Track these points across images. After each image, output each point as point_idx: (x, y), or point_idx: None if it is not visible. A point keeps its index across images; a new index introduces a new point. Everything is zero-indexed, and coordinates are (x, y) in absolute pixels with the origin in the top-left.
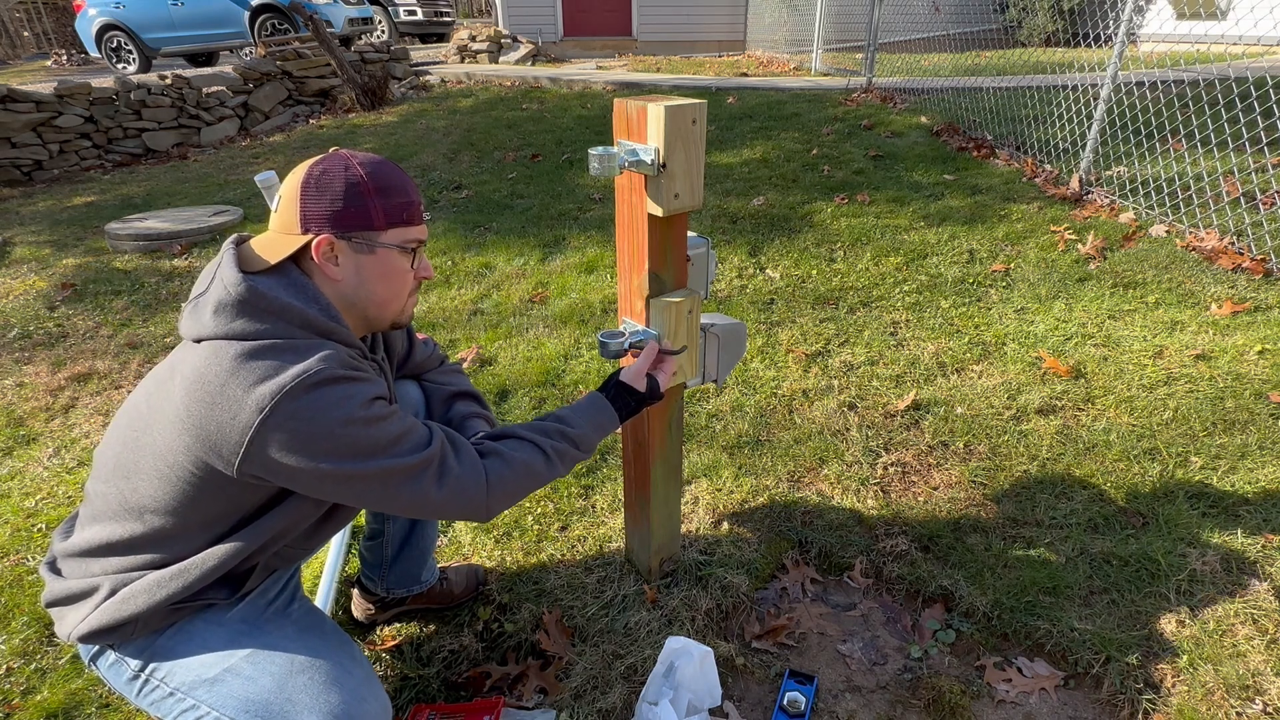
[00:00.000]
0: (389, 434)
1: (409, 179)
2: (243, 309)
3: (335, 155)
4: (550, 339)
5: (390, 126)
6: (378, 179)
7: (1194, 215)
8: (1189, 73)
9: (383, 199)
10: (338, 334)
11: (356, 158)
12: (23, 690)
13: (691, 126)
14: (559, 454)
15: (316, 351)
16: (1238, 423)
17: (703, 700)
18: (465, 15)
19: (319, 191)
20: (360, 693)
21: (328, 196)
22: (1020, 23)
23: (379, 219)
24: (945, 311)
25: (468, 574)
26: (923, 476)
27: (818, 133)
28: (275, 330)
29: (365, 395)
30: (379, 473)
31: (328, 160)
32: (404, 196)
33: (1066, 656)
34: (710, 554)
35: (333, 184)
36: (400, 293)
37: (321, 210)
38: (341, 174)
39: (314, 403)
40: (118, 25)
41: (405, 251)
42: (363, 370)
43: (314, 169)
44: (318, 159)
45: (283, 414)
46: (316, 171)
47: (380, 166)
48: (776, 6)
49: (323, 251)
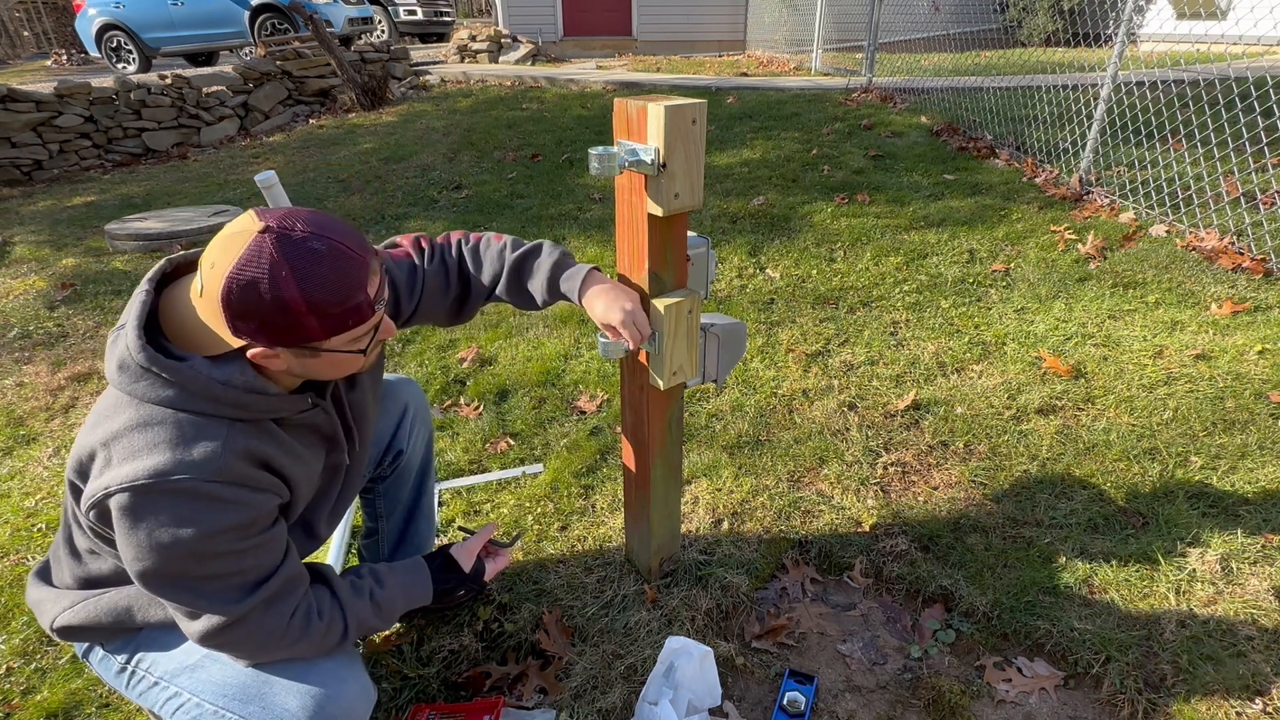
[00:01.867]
0: (208, 572)
1: (355, 267)
2: (144, 375)
3: (260, 256)
4: (550, 339)
5: (390, 126)
6: (311, 295)
7: (1194, 215)
8: (1189, 73)
9: (318, 316)
10: (253, 406)
11: (285, 264)
12: (23, 690)
13: (691, 126)
14: (359, 626)
15: (203, 441)
16: (1238, 423)
17: (703, 700)
18: (465, 15)
19: (243, 307)
20: (340, 674)
21: (253, 313)
22: (1020, 23)
23: (317, 334)
24: (945, 311)
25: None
26: (923, 476)
27: (818, 132)
28: (176, 400)
29: (212, 525)
30: (174, 601)
31: (250, 265)
32: (346, 303)
33: (1066, 656)
34: (710, 554)
35: (258, 303)
36: (355, 368)
37: (249, 325)
38: (268, 291)
39: (155, 510)
40: (118, 25)
41: (356, 351)
42: (248, 482)
43: (236, 278)
44: (240, 259)
45: (126, 502)
46: (238, 284)
47: (317, 273)
48: (776, 6)
49: (261, 354)
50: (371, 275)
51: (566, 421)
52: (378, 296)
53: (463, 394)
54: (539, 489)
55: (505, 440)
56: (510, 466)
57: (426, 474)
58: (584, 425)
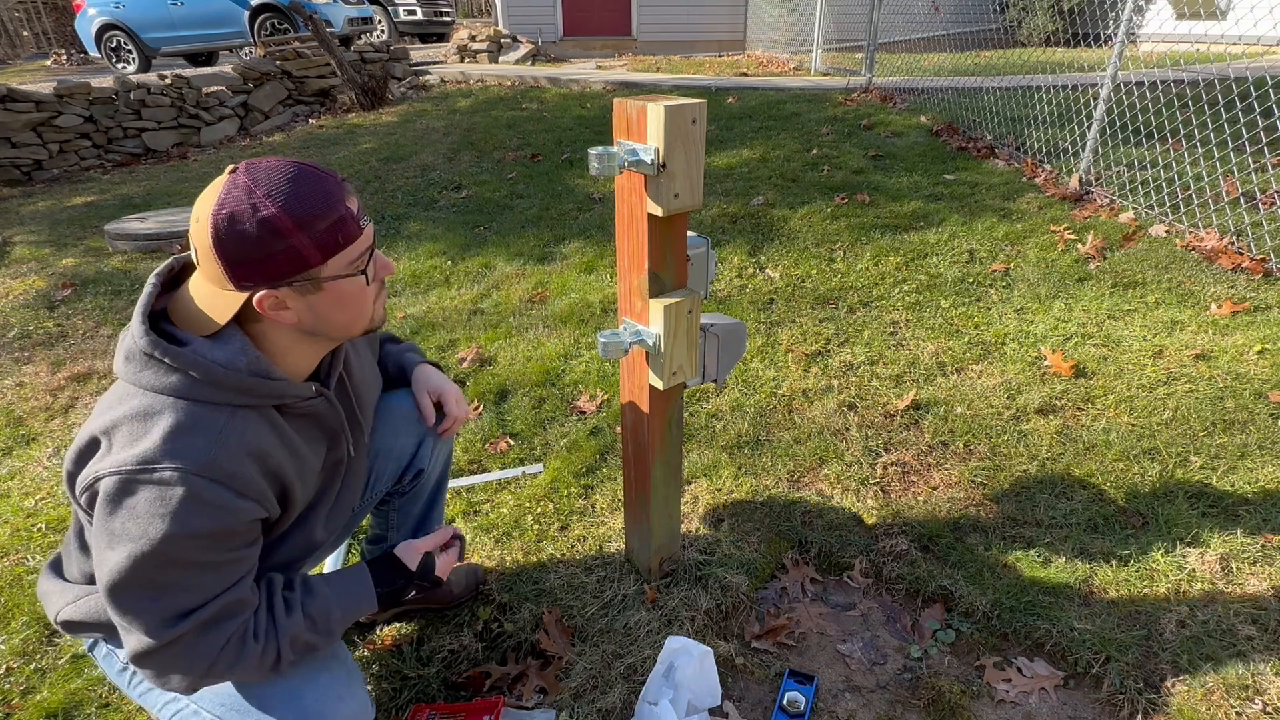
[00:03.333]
0: (162, 580)
1: (327, 183)
2: (149, 362)
3: (234, 188)
4: (550, 339)
5: (390, 126)
6: (293, 210)
7: (1194, 215)
8: (1189, 73)
9: (307, 232)
10: (256, 390)
11: (260, 186)
12: (23, 690)
13: (691, 126)
14: (293, 644)
15: (200, 431)
16: (1238, 423)
17: (703, 700)
18: (465, 15)
19: (234, 245)
20: (337, 690)
21: (246, 249)
22: (1020, 23)
23: (313, 256)
24: (945, 311)
25: (467, 574)
26: (923, 476)
27: (817, 132)
28: (179, 387)
29: (185, 527)
30: (116, 610)
31: (229, 199)
32: (329, 215)
33: (1066, 656)
34: (710, 554)
35: (245, 234)
36: (364, 310)
37: (246, 266)
38: (250, 218)
39: (134, 499)
40: (117, 25)
41: (356, 271)
42: (235, 484)
43: (218, 216)
44: (218, 199)
45: (111, 488)
46: (222, 220)
47: (292, 188)
48: (776, 6)
49: (268, 306)
50: (348, 194)
51: (566, 421)
52: (360, 214)
53: (463, 394)
54: (539, 489)
55: (505, 440)
56: (510, 466)
57: (441, 488)
58: (584, 425)
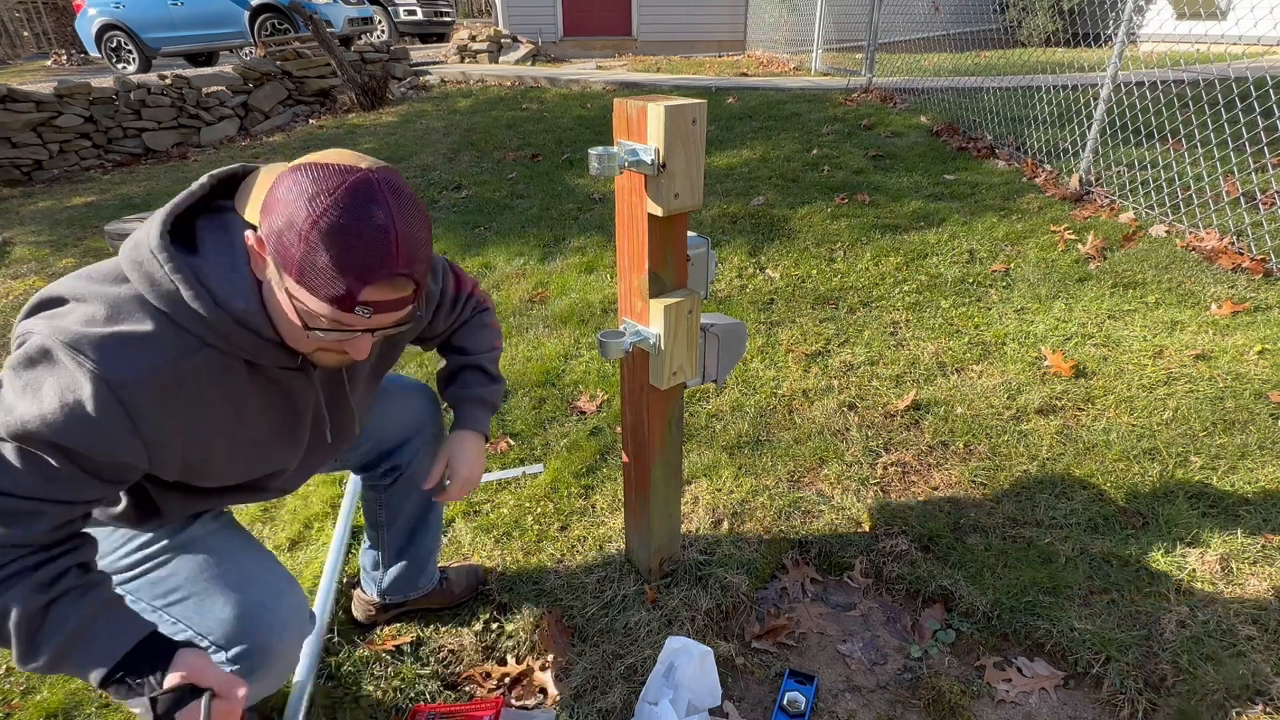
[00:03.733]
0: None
1: (379, 264)
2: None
3: (340, 181)
4: (550, 339)
5: (390, 126)
6: (332, 242)
7: (1194, 215)
8: (1189, 73)
9: (305, 254)
10: (238, 340)
11: (343, 202)
12: (23, 690)
13: (691, 126)
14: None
15: (152, 354)
16: (1238, 423)
17: (703, 700)
18: (465, 15)
19: (281, 194)
20: (278, 586)
21: (278, 205)
22: (1020, 23)
23: (292, 264)
24: (945, 311)
25: (468, 574)
26: (923, 476)
27: (818, 133)
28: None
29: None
30: None
31: (328, 177)
32: (334, 275)
33: (1066, 656)
34: (710, 554)
35: (288, 199)
36: (298, 341)
37: (268, 210)
38: (303, 198)
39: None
40: (118, 25)
41: (299, 315)
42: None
43: (307, 168)
44: (334, 165)
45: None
46: (302, 172)
47: (348, 231)
48: (776, 6)
49: (254, 243)
50: (383, 284)
51: (566, 421)
52: (373, 306)
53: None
54: (539, 489)
55: (505, 440)
56: (510, 466)
57: (426, 517)
58: (584, 425)
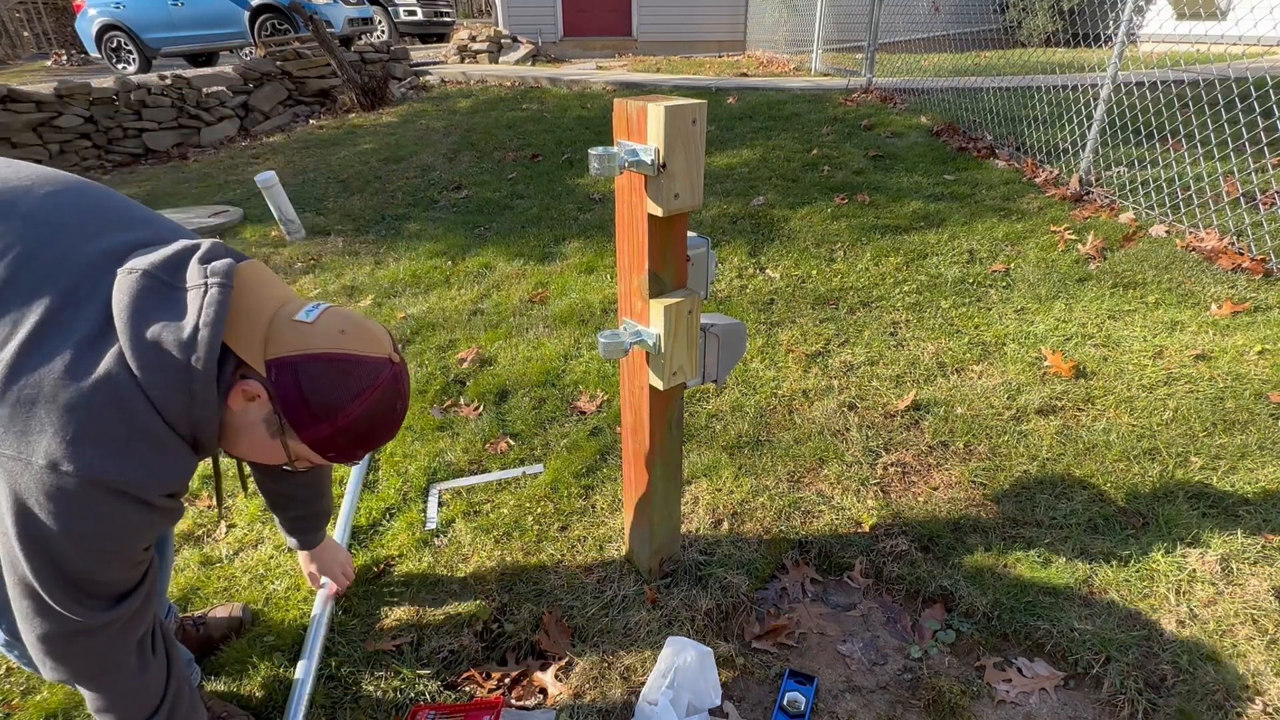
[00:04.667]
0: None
1: (384, 439)
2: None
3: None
4: (550, 339)
5: (390, 126)
6: (360, 433)
7: (1194, 215)
8: (1189, 73)
9: (329, 432)
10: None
11: (377, 400)
12: (23, 690)
13: (691, 126)
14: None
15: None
16: (1238, 423)
17: (703, 700)
18: (465, 15)
19: (311, 373)
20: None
21: (301, 380)
22: (1020, 23)
23: (309, 435)
24: (945, 311)
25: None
26: (923, 476)
27: (818, 133)
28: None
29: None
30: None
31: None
32: (353, 446)
33: (1066, 656)
34: (710, 554)
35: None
36: (268, 460)
37: (285, 375)
38: (337, 386)
39: (94, 503)
40: (118, 25)
41: (282, 456)
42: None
43: (342, 359)
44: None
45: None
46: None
47: (375, 419)
48: (777, 6)
49: (243, 390)
50: (377, 448)
51: (566, 421)
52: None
53: (463, 394)
54: (539, 489)
55: (505, 440)
56: (510, 466)
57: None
58: (584, 425)
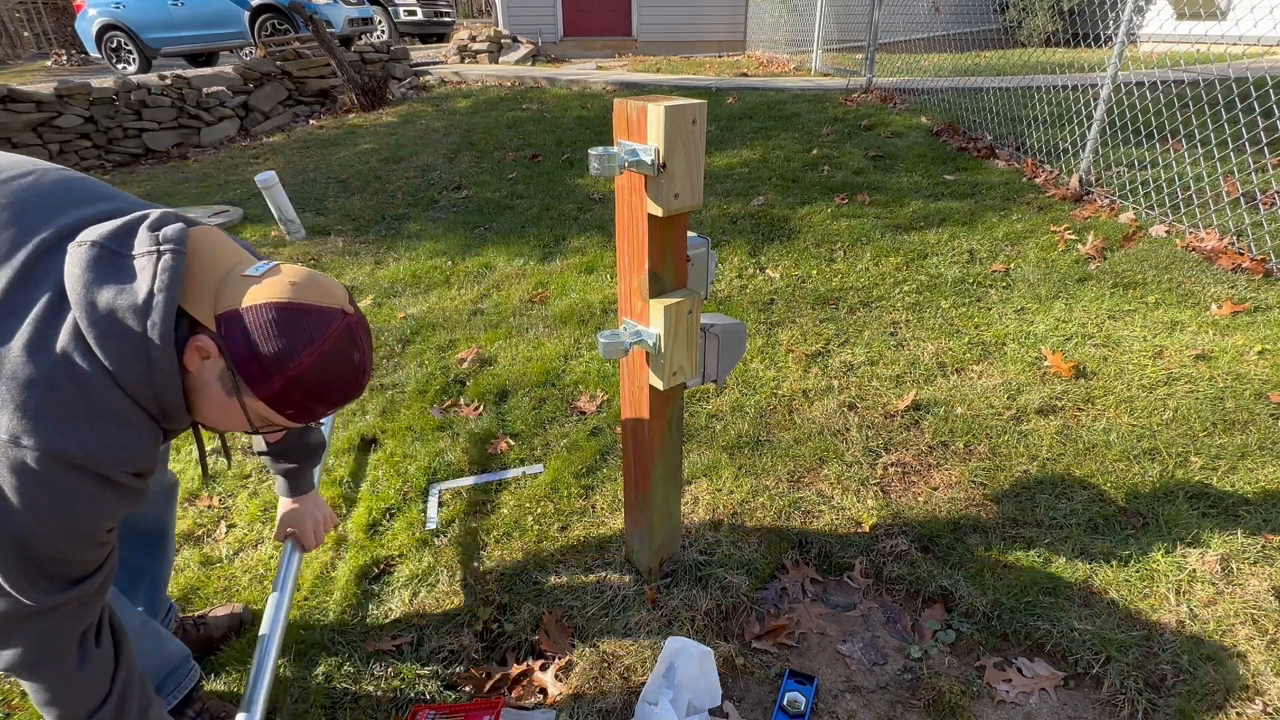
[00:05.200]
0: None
1: (345, 397)
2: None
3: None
4: (550, 339)
5: (390, 126)
6: (314, 386)
7: (1194, 215)
8: (1189, 73)
9: (282, 385)
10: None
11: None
12: (22, 691)
13: (691, 126)
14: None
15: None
16: (1238, 423)
17: (703, 700)
18: (465, 15)
19: (258, 323)
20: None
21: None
22: (1020, 23)
23: (263, 391)
24: (945, 311)
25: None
26: (923, 476)
27: (818, 133)
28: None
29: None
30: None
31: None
32: (309, 404)
33: (1066, 656)
34: (710, 554)
35: (268, 332)
36: (220, 426)
37: (235, 329)
38: (285, 339)
39: (57, 479)
40: (118, 25)
41: (250, 420)
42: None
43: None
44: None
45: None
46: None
47: (328, 372)
48: (776, 6)
49: (197, 348)
50: (339, 407)
51: (566, 422)
52: (321, 418)
53: (463, 394)
54: (539, 489)
55: (505, 440)
56: (510, 466)
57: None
58: (584, 425)
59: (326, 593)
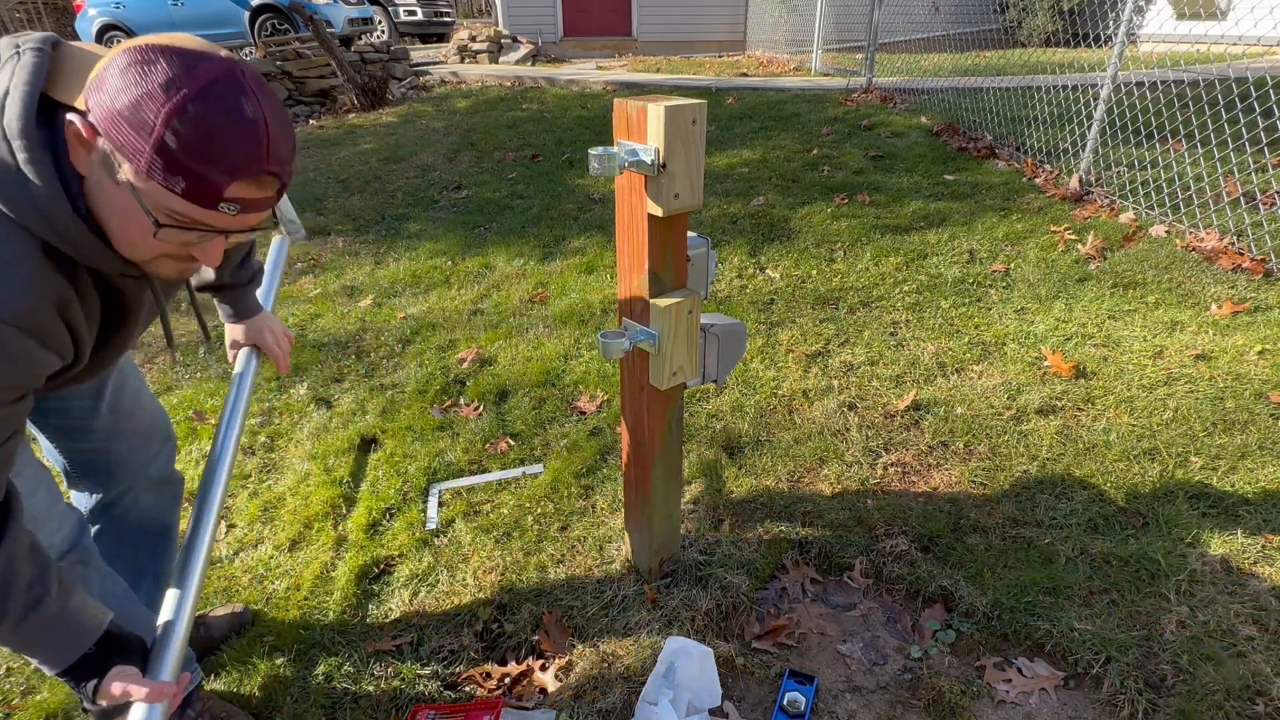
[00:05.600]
0: None
1: (250, 158)
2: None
3: (195, 66)
4: (550, 339)
5: (390, 126)
6: (198, 133)
7: (1194, 215)
8: (1189, 73)
9: (163, 150)
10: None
11: (204, 92)
12: (22, 690)
13: (691, 126)
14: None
15: (19, 274)
16: (1238, 423)
17: (703, 700)
18: (465, 15)
19: (120, 82)
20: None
21: (116, 94)
22: (1020, 23)
23: (142, 162)
24: (945, 311)
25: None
26: (923, 476)
27: (818, 133)
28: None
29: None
30: None
31: (181, 59)
32: (202, 168)
33: (1066, 656)
34: (710, 554)
35: (130, 89)
36: (137, 245)
37: (101, 97)
38: (151, 86)
39: None
40: (118, 25)
41: (150, 212)
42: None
43: (150, 52)
44: (184, 49)
45: None
46: (144, 58)
47: (210, 122)
48: (776, 6)
49: (79, 131)
50: (251, 181)
51: (566, 422)
52: (240, 204)
53: (463, 394)
54: (539, 489)
55: (505, 440)
56: (510, 466)
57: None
58: (584, 425)
59: (326, 593)
